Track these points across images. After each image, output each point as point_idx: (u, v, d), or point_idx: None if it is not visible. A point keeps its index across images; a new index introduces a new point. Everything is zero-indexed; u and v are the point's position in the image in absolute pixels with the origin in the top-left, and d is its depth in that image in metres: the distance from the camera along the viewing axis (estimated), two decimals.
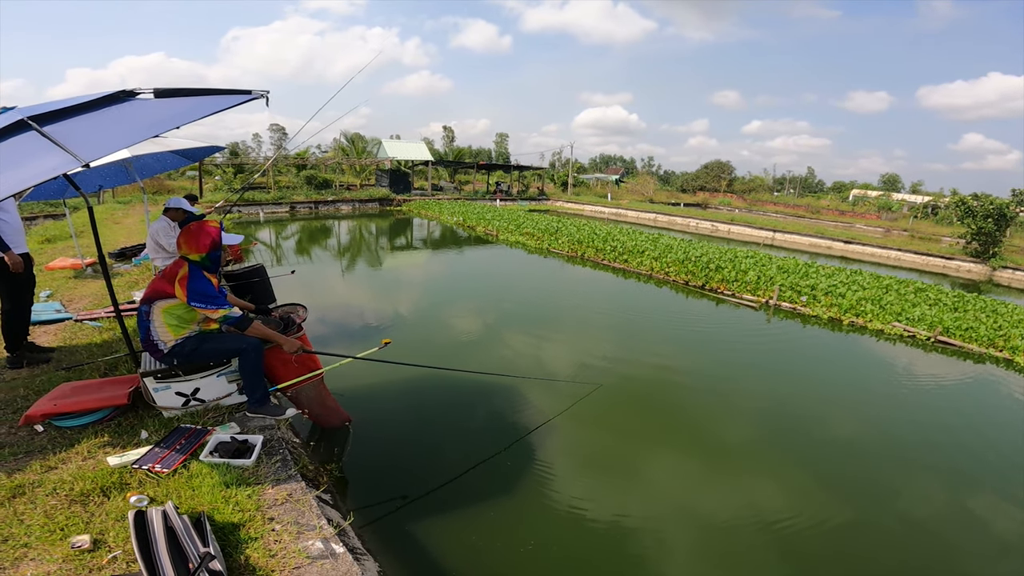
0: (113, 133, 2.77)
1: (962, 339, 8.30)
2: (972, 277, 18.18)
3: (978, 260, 19.18)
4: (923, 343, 8.36)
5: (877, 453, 5.06)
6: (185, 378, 3.46)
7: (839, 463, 4.81)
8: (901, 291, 10.69)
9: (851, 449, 5.10)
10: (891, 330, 8.77)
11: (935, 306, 9.75)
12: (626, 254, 13.45)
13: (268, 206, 24.26)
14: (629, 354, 7.33)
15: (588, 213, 31.64)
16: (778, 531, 3.81)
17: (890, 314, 9.18)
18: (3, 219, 4.24)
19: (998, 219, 19.01)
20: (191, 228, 3.32)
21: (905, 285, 11.23)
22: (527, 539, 3.53)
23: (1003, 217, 19.14)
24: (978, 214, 19.36)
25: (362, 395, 5.31)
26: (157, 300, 3.27)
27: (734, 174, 58.81)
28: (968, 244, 20.07)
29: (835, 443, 5.20)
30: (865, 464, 4.83)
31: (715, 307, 10.04)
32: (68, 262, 8.06)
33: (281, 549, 2.40)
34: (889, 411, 6.04)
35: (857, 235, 24.30)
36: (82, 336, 5.04)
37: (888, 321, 8.97)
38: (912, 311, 9.26)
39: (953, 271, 19.11)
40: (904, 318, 9.01)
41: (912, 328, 8.66)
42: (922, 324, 8.74)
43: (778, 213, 37.13)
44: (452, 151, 50.87)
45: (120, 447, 3.08)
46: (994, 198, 19.86)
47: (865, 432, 5.49)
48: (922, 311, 9.25)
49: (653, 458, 4.76)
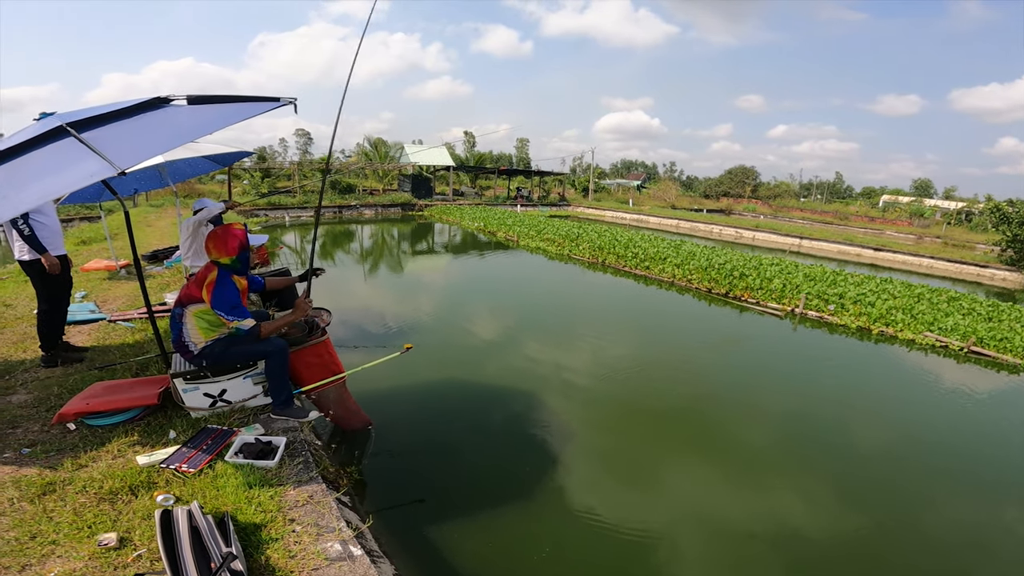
0: (148, 140, 2.86)
1: (996, 350, 8.00)
2: (1007, 286, 17.51)
3: (1014, 268, 18.45)
4: (956, 353, 8.08)
5: (904, 465, 4.92)
6: (213, 379, 3.54)
7: (864, 475, 4.68)
8: (933, 300, 10.35)
9: (877, 461, 4.96)
10: (923, 340, 8.50)
11: (969, 316, 9.43)
12: (648, 261, 13.32)
13: (293, 210, 24.76)
14: (650, 361, 7.26)
15: (609, 219, 31.48)
16: (798, 542, 3.73)
17: (922, 324, 8.90)
18: (42, 222, 4.40)
19: None
20: (217, 232, 3.40)
21: (938, 294, 10.88)
22: (543, 545, 3.52)
23: None
24: (1014, 221, 18.62)
25: (383, 399, 5.36)
26: (189, 304, 3.36)
27: (759, 179, 57.82)
28: (1003, 252, 19.33)
29: (860, 454, 5.06)
30: (891, 476, 4.69)
31: (739, 315, 9.87)
32: (102, 264, 8.34)
33: (301, 550, 2.43)
34: (918, 422, 5.87)
35: (888, 242, 23.64)
36: (115, 336, 5.20)
37: (920, 331, 8.70)
38: (945, 321, 8.97)
39: (988, 280, 18.43)
40: (936, 328, 8.73)
41: (944, 338, 8.39)
42: (955, 334, 8.45)
43: (805, 219, 36.39)
44: (473, 156, 51.21)
45: (149, 446, 3.16)
46: None
47: (892, 443, 5.34)
48: (955, 321, 8.95)
49: (672, 466, 4.70)
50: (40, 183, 2.49)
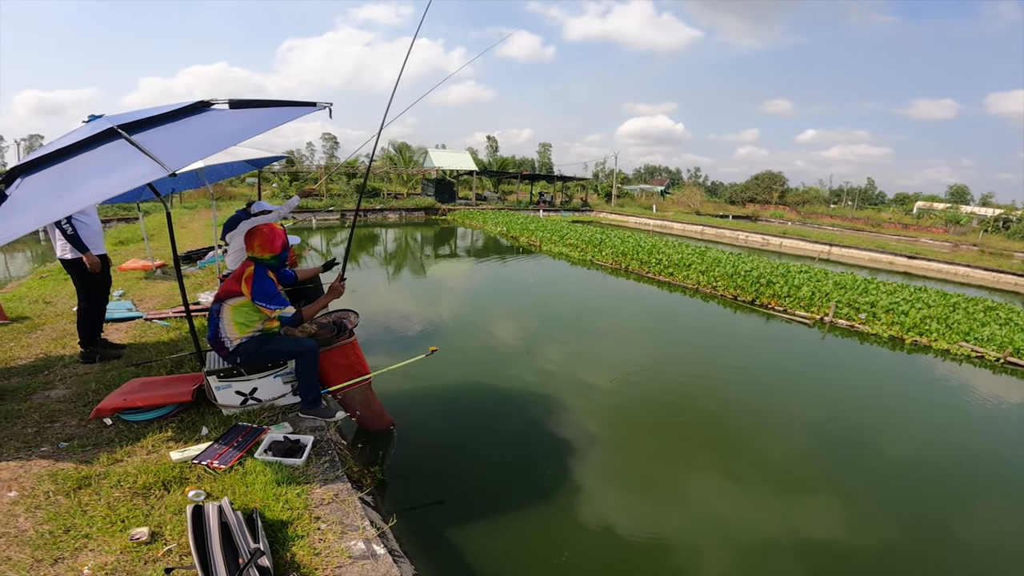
0: (194, 143, 2.96)
1: None
2: None
3: None
4: (992, 364, 7.79)
5: (934, 479, 4.76)
6: (245, 377, 3.62)
7: (892, 488, 4.53)
8: (969, 309, 9.99)
9: (906, 474, 4.80)
10: (957, 350, 8.22)
11: (1006, 325, 9.07)
12: (672, 267, 13.17)
13: (320, 213, 25.23)
14: (673, 368, 7.16)
15: (632, 225, 31.23)
16: (820, 554, 3.64)
17: (957, 333, 8.60)
18: (84, 222, 4.57)
19: None
20: (264, 231, 3.54)
21: (974, 303, 10.49)
22: (562, 550, 3.49)
23: None
24: None
25: (406, 400, 5.40)
26: (228, 299, 3.47)
27: (786, 185, 56.77)
28: None
29: (889, 466, 4.90)
30: (920, 490, 4.54)
31: (765, 323, 9.67)
32: (139, 263, 8.62)
33: (325, 548, 2.46)
34: (950, 434, 5.67)
35: (922, 250, 22.92)
36: (150, 334, 5.37)
37: (954, 341, 8.41)
38: (981, 330, 8.65)
39: None
40: (972, 338, 8.43)
41: (980, 348, 8.09)
42: (991, 344, 8.14)
43: (835, 226, 35.55)
44: (496, 161, 51.50)
45: (182, 442, 3.24)
46: None
47: (923, 456, 5.17)
48: (991, 331, 8.62)
49: (695, 474, 4.61)
50: (92, 184, 2.60)
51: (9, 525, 2.47)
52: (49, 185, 2.68)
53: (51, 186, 2.66)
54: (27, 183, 2.71)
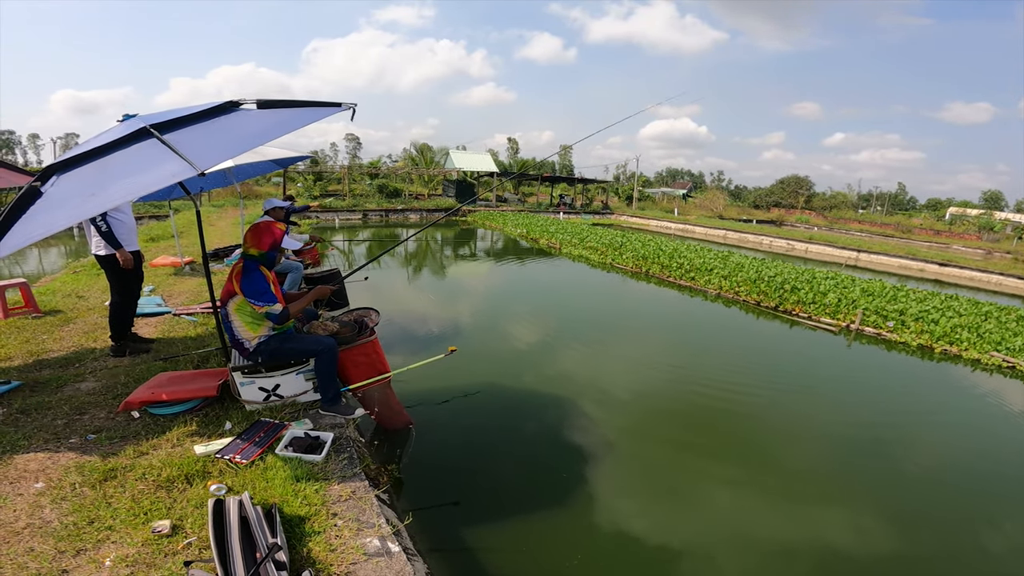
0: (223, 142, 3.02)
1: None
2: None
3: None
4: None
5: (961, 491, 4.61)
6: (268, 374, 3.69)
7: (917, 500, 4.41)
8: (1002, 319, 9.64)
9: (932, 486, 4.67)
10: (988, 360, 7.94)
11: None
12: (693, 272, 13.00)
13: (343, 213, 25.60)
14: (694, 373, 7.06)
15: (653, 228, 30.94)
16: (839, 565, 3.55)
17: (988, 343, 8.32)
18: (119, 219, 4.70)
19: None
20: (259, 226, 3.57)
21: (1007, 312, 10.12)
22: (574, 552, 3.47)
23: None
24: None
25: (424, 399, 5.43)
26: (229, 300, 3.51)
27: (813, 189, 55.64)
28: None
29: (914, 478, 4.77)
30: (946, 503, 4.42)
31: (789, 329, 9.48)
32: (169, 260, 8.85)
33: (341, 544, 2.49)
34: (979, 446, 5.50)
35: (954, 257, 22.20)
36: (179, 329, 5.50)
37: (986, 351, 8.13)
38: (1013, 340, 8.35)
39: None
40: (1004, 348, 8.15)
41: (1013, 359, 7.80)
42: None
43: (863, 232, 34.72)
44: (516, 163, 51.52)
45: (206, 437, 3.31)
46: None
47: (949, 468, 5.02)
48: None
49: (713, 481, 4.53)
50: (125, 182, 2.67)
51: (34, 516, 2.53)
52: (83, 183, 2.76)
53: (85, 184, 2.75)
54: (62, 181, 2.80)
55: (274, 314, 3.47)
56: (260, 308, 3.43)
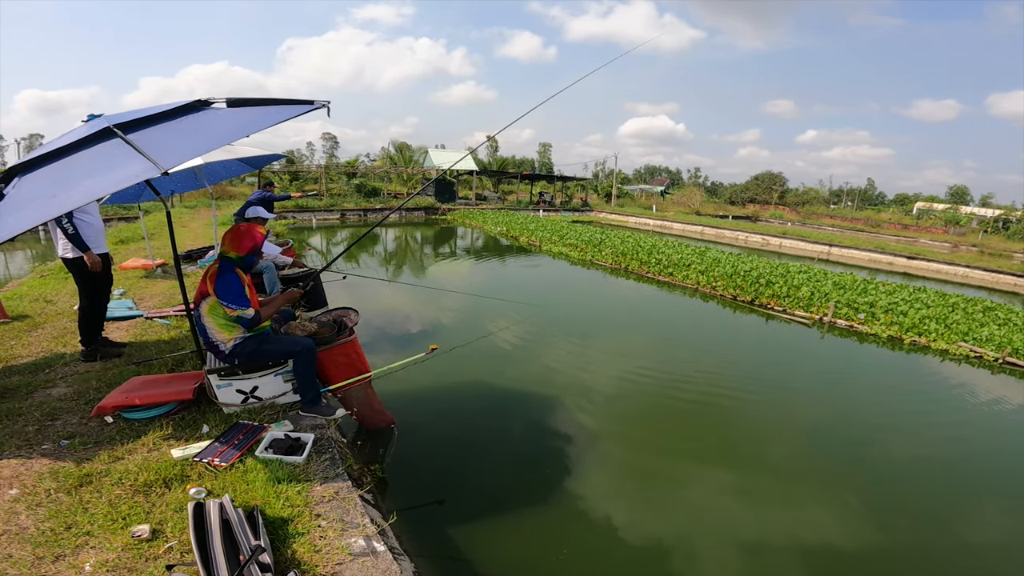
0: (190, 141, 2.96)
1: None
2: None
3: None
4: (990, 364, 7.82)
5: (935, 479, 4.78)
6: (245, 376, 3.63)
7: (893, 489, 4.55)
8: (968, 310, 10.02)
9: (907, 474, 4.83)
10: (956, 350, 8.23)
11: (1004, 326, 9.09)
12: (671, 267, 13.19)
13: (320, 212, 25.24)
14: (674, 367, 7.18)
15: (632, 225, 31.24)
16: (819, 556, 3.65)
17: (956, 334, 8.63)
18: (86, 220, 4.57)
19: None
20: (240, 228, 3.51)
21: (973, 304, 10.51)
22: (559, 548, 3.52)
23: None
24: None
25: (407, 398, 5.42)
26: (202, 301, 3.45)
27: (786, 186, 56.81)
28: None
29: (890, 467, 4.93)
30: (922, 491, 4.57)
31: (764, 323, 9.69)
32: (140, 262, 8.63)
33: (326, 545, 2.48)
34: (950, 435, 5.69)
35: (921, 250, 22.94)
36: (151, 333, 5.38)
37: (953, 341, 8.43)
38: (979, 331, 8.68)
39: None
40: (971, 338, 8.46)
41: (979, 349, 8.11)
42: (990, 345, 8.17)
43: (835, 227, 35.58)
44: (496, 161, 51.50)
45: (183, 440, 3.24)
46: None
47: (923, 456, 5.19)
48: (990, 331, 8.65)
49: (694, 474, 4.63)
50: (87, 183, 2.61)
51: (10, 523, 2.47)
52: (45, 184, 2.69)
53: (47, 185, 2.67)
54: (24, 182, 2.72)
55: (245, 318, 3.41)
56: (232, 311, 3.37)
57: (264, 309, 3.60)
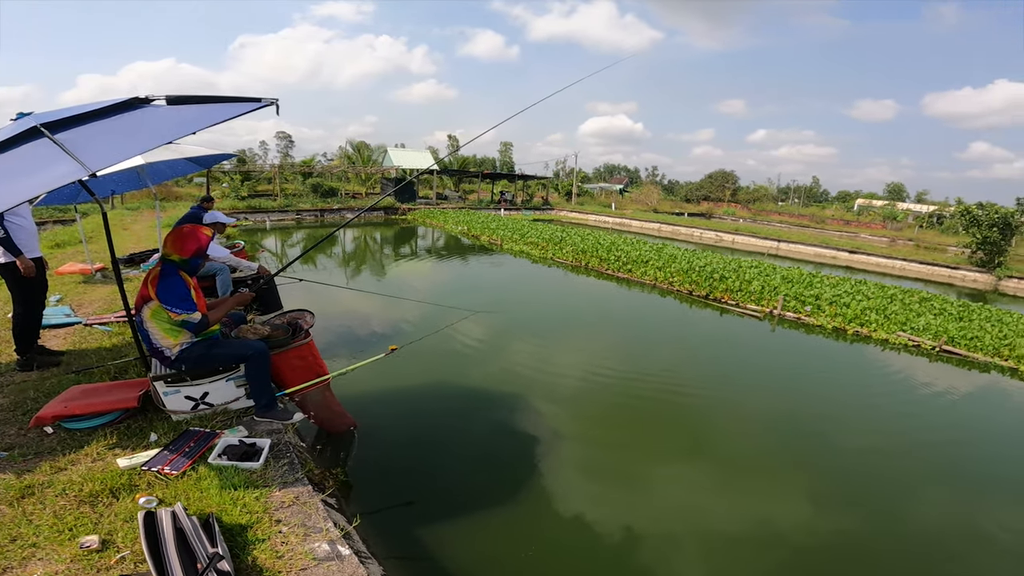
0: (125, 140, 2.80)
1: (967, 348, 8.27)
2: (977, 287, 18.10)
3: (983, 270, 19.10)
4: (928, 352, 8.33)
5: (884, 464, 5.04)
6: (194, 382, 3.50)
7: (847, 474, 4.79)
8: (906, 301, 10.66)
9: (859, 460, 5.08)
10: (896, 339, 8.74)
11: (940, 316, 9.73)
12: (630, 264, 13.48)
13: (274, 214, 24.44)
14: (634, 363, 7.34)
15: (592, 223, 31.71)
16: (783, 541, 3.79)
17: (895, 324, 9.16)
18: (18, 224, 4.31)
19: (1003, 228, 18.92)
20: (183, 230, 3.38)
21: (910, 295, 11.21)
22: (529, 544, 3.55)
23: (1008, 227, 19.03)
24: (983, 223, 19.29)
25: (368, 400, 5.34)
26: (144, 306, 3.30)
27: (738, 184, 58.87)
28: (973, 254, 19.99)
29: (843, 454, 5.18)
30: (873, 475, 4.81)
31: (719, 317, 10.04)
32: (77, 267, 8.16)
33: (288, 551, 2.43)
34: (896, 421, 6.02)
35: (862, 245, 24.25)
36: (91, 340, 5.10)
37: (893, 331, 8.95)
38: (917, 321, 9.24)
39: (959, 281, 19.03)
40: (909, 328, 8.99)
41: (917, 338, 8.64)
42: (927, 334, 8.71)
43: (783, 223, 37.13)
44: (457, 160, 51.17)
45: (130, 449, 3.12)
46: (999, 207, 19.68)
47: (872, 442, 5.46)
48: (927, 320, 9.23)
49: (658, 467, 4.75)
50: (12, 185, 2.44)
51: None
52: None
53: None
54: None
55: (192, 322, 3.28)
56: (177, 315, 3.23)
57: (213, 312, 3.47)
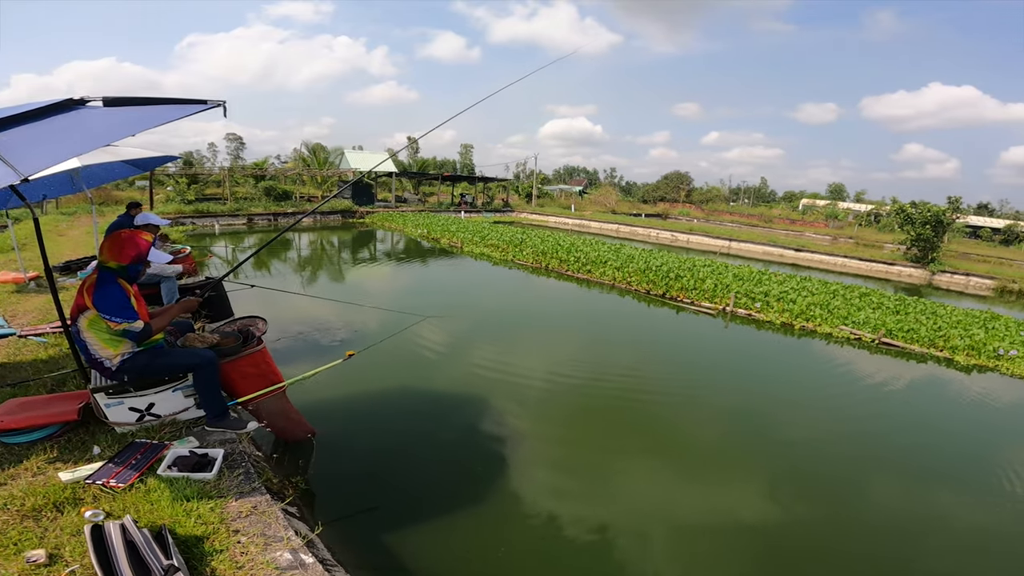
0: (58, 144, 2.66)
1: (904, 340, 8.78)
2: (913, 281, 19.30)
3: (918, 265, 20.36)
4: (868, 345, 8.80)
5: (834, 452, 5.29)
6: (138, 393, 3.35)
7: (801, 463, 5.00)
8: (847, 296, 11.26)
9: (811, 449, 5.32)
10: (839, 333, 9.22)
11: (878, 309, 10.32)
12: (589, 265, 13.70)
13: (224, 218, 23.52)
14: (596, 362, 7.46)
15: (552, 224, 32.03)
16: (747, 533, 3.90)
17: (837, 318, 9.65)
18: None
19: (935, 226, 20.18)
20: (121, 235, 3.22)
21: (851, 290, 11.85)
22: (498, 544, 3.57)
23: (940, 224, 20.30)
24: (917, 221, 20.55)
25: (328, 407, 5.24)
26: (80, 316, 3.14)
27: (693, 185, 60.73)
28: (908, 250, 21.29)
29: (796, 444, 5.40)
30: (825, 463, 5.05)
31: (676, 315, 10.34)
32: (10, 276, 7.64)
33: (248, 561, 2.37)
34: (843, 411, 6.33)
35: (807, 243, 25.47)
36: (26, 352, 4.80)
37: (836, 325, 9.42)
38: (857, 315, 9.75)
39: (895, 276, 20.22)
40: (850, 321, 9.48)
41: (858, 331, 9.13)
42: (867, 327, 9.21)
43: (734, 223, 38.54)
44: (416, 162, 50.70)
45: (72, 463, 2.97)
46: (931, 205, 20.97)
47: (822, 432, 5.73)
48: (866, 315, 9.76)
49: (622, 463, 4.83)
50: None
51: None
52: None
53: None
54: None
55: (134, 331, 3.12)
56: (117, 325, 3.07)
57: (156, 320, 3.31)
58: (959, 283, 19.12)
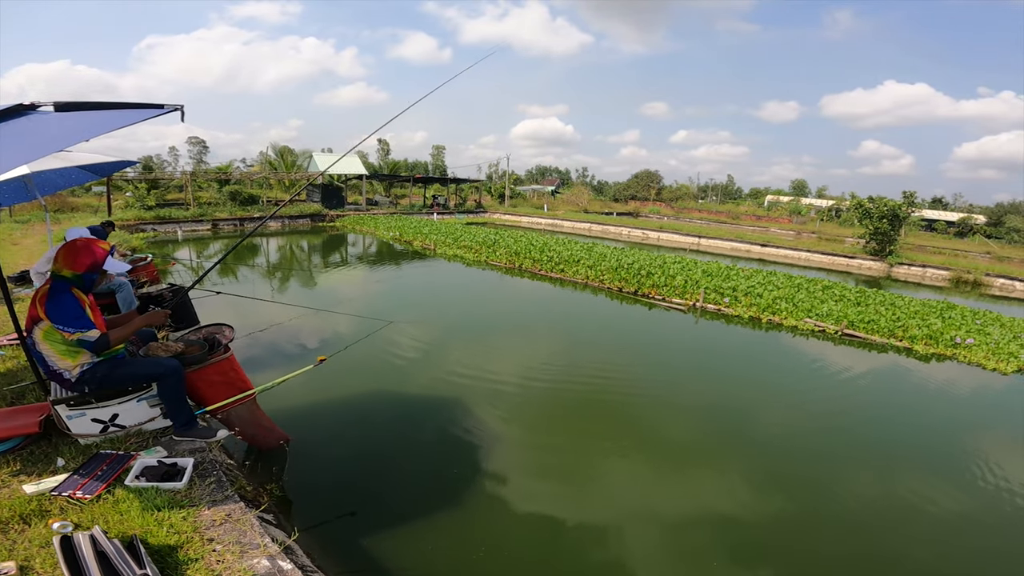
0: (7, 150, 2.57)
1: (865, 331, 9.12)
2: (872, 274, 20.05)
3: (877, 258, 21.17)
4: (832, 336, 9.11)
5: (806, 444, 5.45)
6: (101, 404, 3.27)
7: (774, 456, 5.13)
8: (811, 289, 11.64)
9: (783, 442, 5.45)
10: (804, 326, 9.53)
11: (840, 302, 10.70)
12: (562, 264, 13.82)
13: (187, 224, 22.85)
14: (571, 361, 7.53)
15: (525, 224, 32.15)
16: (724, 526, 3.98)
17: (802, 311, 9.96)
18: None
19: (892, 219, 21.01)
20: (77, 243, 3.14)
21: (814, 283, 12.25)
22: (478, 545, 3.59)
23: (896, 217, 21.16)
24: (874, 215, 21.36)
25: (301, 414, 5.17)
26: (34, 327, 3.06)
27: (662, 183, 61.71)
28: (867, 243, 22.10)
29: (768, 437, 5.53)
30: (798, 454, 5.21)
31: (648, 312, 10.52)
32: None
33: (225, 569, 2.34)
34: (812, 402, 6.52)
35: (772, 238, 26.21)
36: None
37: (801, 317, 9.73)
38: (821, 307, 10.09)
39: (856, 269, 20.99)
40: (814, 314, 9.80)
41: (822, 323, 9.44)
42: (830, 319, 9.52)
43: (702, 220, 39.34)
44: (388, 164, 50.17)
45: (36, 475, 2.89)
46: (888, 200, 21.84)
47: (792, 422, 5.90)
48: (829, 307, 10.11)
49: (599, 462, 4.87)
50: None
51: None
52: None
53: None
54: None
55: (89, 341, 3.02)
56: (71, 335, 2.98)
57: (117, 332, 3.21)
58: (916, 275, 19.94)
